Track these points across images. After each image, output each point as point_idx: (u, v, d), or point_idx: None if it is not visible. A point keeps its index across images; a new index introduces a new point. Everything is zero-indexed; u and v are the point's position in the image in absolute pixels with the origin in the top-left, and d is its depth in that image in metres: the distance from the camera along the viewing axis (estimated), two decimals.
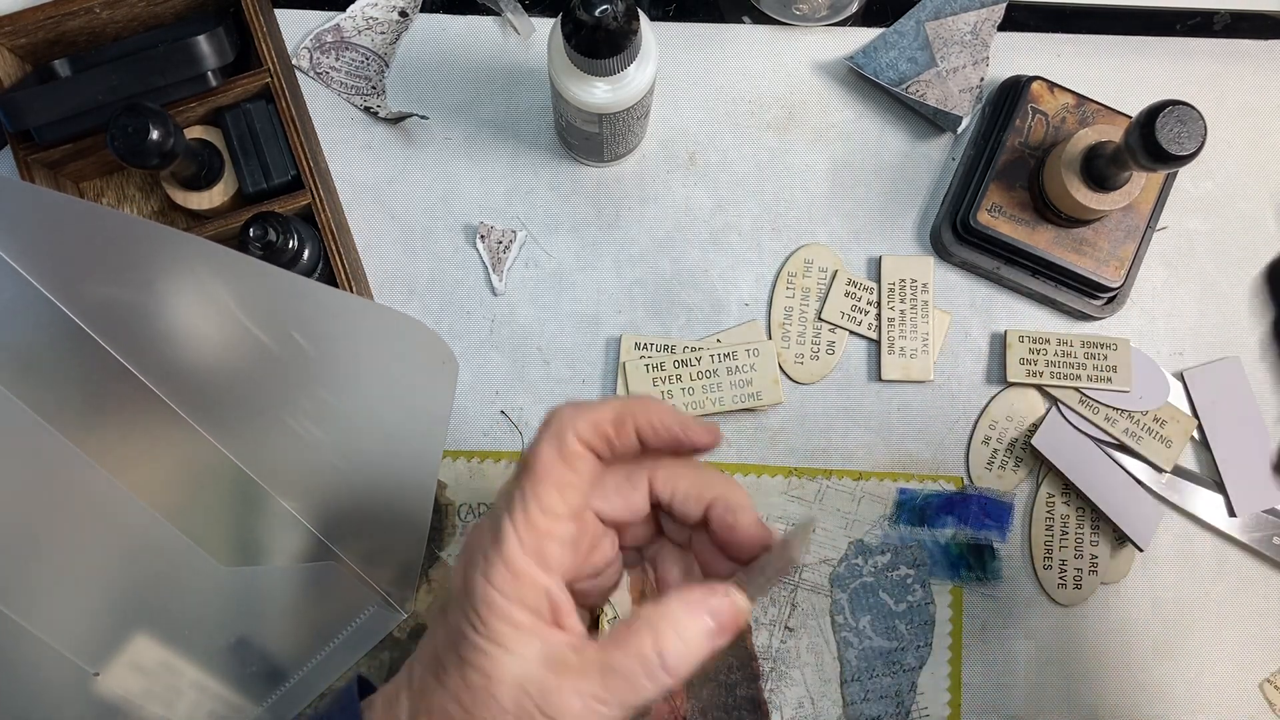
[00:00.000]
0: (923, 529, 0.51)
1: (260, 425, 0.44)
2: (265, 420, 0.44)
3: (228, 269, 0.40)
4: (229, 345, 0.42)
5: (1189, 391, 0.52)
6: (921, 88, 0.53)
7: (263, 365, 0.42)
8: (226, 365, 0.42)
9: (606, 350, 0.52)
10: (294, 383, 0.43)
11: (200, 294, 0.41)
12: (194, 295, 0.41)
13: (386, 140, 0.54)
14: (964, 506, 0.51)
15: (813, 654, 0.50)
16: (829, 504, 0.51)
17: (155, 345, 0.41)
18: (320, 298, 0.42)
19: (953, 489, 0.51)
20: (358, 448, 0.46)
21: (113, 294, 0.39)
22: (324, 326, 0.42)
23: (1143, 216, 0.51)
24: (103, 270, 0.39)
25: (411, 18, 0.54)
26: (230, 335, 0.41)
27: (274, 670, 0.48)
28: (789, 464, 0.52)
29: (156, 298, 0.40)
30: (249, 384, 0.43)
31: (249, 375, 0.43)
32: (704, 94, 0.54)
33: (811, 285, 0.53)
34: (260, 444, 0.44)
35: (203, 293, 0.40)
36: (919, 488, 0.51)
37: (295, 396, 0.43)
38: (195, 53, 0.48)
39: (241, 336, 0.41)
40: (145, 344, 0.41)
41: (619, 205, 0.53)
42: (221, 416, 0.43)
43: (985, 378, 0.52)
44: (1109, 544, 0.51)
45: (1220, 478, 0.51)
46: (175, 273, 0.40)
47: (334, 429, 0.45)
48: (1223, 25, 0.55)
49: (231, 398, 0.43)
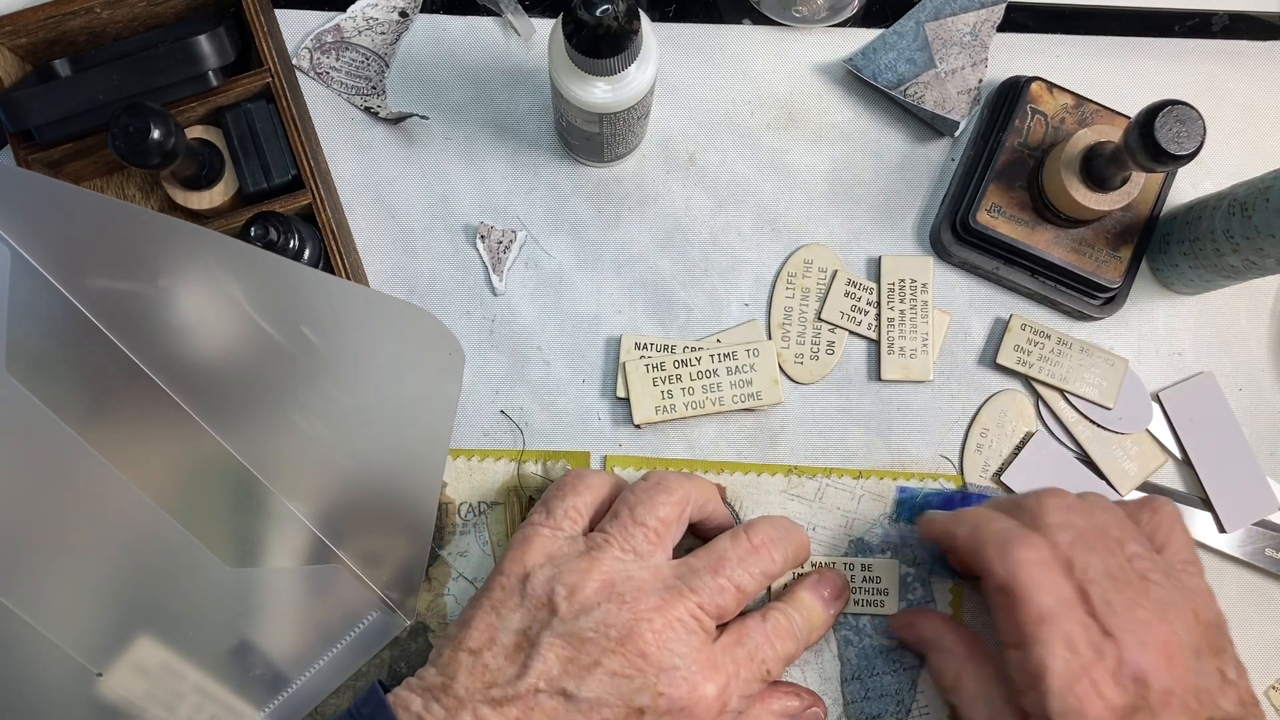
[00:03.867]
0: None
1: (268, 423, 0.44)
2: (273, 418, 0.44)
3: (236, 261, 0.40)
4: (237, 340, 0.42)
5: (1165, 412, 0.52)
6: (920, 89, 0.53)
7: (271, 361, 0.42)
8: (234, 361, 0.42)
9: (606, 350, 0.52)
10: (302, 378, 0.43)
11: (209, 287, 0.40)
12: (203, 288, 0.41)
13: (386, 140, 0.54)
14: (964, 505, 0.51)
15: (813, 652, 0.50)
16: (829, 502, 0.51)
17: (162, 339, 0.41)
18: (328, 289, 0.42)
19: (953, 488, 0.51)
20: (364, 446, 0.45)
21: (122, 287, 0.39)
22: (332, 319, 0.42)
23: (1142, 217, 0.51)
24: (112, 262, 0.39)
25: (412, 18, 0.54)
26: (238, 329, 0.41)
27: (276, 675, 0.48)
28: (789, 463, 0.52)
29: (166, 291, 0.40)
30: (257, 380, 0.43)
31: (257, 371, 0.43)
32: (704, 94, 0.54)
33: (811, 285, 0.53)
34: (267, 443, 0.44)
35: (212, 286, 0.40)
36: (919, 487, 0.52)
37: (303, 393, 0.43)
38: (196, 52, 0.48)
39: (250, 331, 0.41)
40: (152, 338, 0.41)
41: (619, 205, 0.54)
42: (229, 414, 0.43)
43: (985, 377, 0.53)
44: None
45: (1206, 495, 0.51)
46: (185, 265, 0.40)
47: (342, 427, 0.44)
48: (1221, 26, 0.55)
49: (240, 394, 0.43)
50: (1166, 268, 0.52)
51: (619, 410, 0.52)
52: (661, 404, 0.51)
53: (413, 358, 0.44)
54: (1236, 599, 0.51)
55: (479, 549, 0.51)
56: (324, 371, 0.43)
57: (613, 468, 0.51)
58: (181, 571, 0.45)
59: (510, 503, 0.51)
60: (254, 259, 0.41)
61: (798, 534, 0.46)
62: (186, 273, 0.40)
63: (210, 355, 0.42)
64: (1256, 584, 0.52)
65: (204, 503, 0.44)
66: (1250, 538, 0.51)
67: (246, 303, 0.41)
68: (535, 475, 0.51)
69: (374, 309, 0.44)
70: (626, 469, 0.51)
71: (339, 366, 0.43)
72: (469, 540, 0.51)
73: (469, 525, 0.51)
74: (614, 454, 0.52)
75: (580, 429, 0.52)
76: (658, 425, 0.52)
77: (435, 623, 0.50)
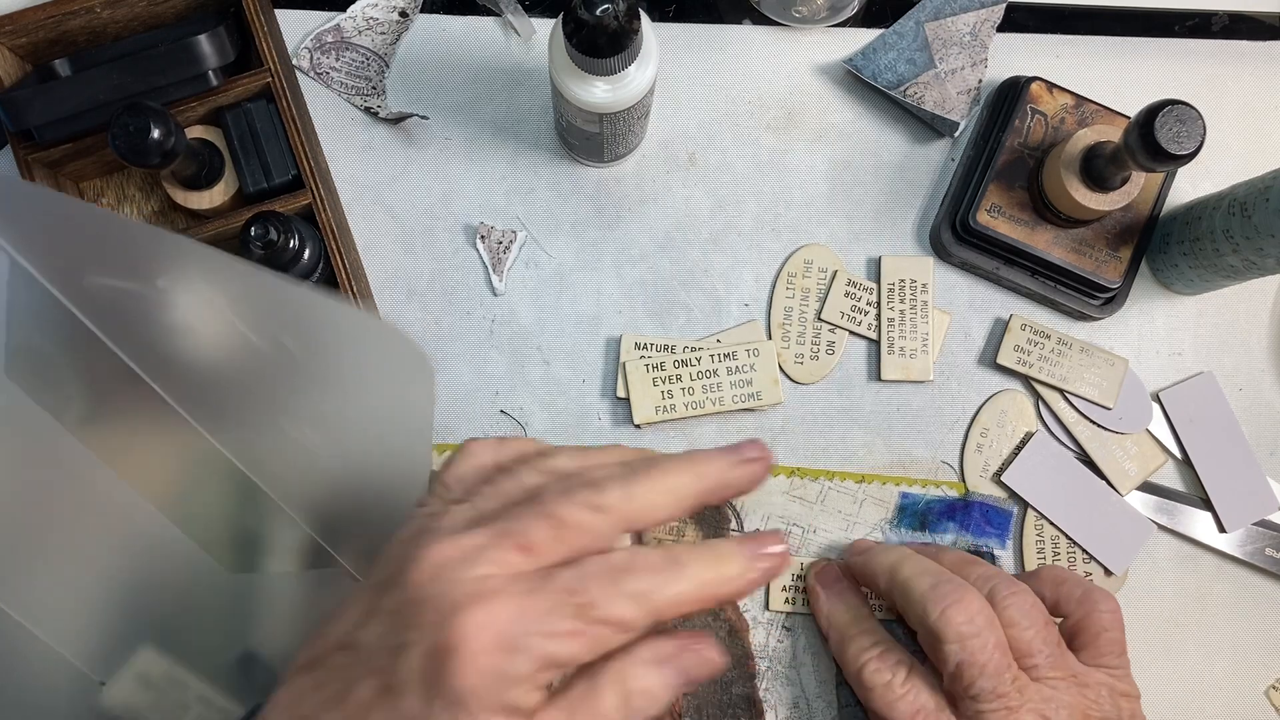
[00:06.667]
0: (924, 533, 0.51)
1: (260, 429, 0.44)
2: (263, 424, 0.44)
3: (219, 271, 0.40)
4: (227, 348, 0.42)
5: (1165, 412, 0.52)
6: (920, 89, 0.53)
7: (257, 368, 0.42)
8: (226, 368, 0.42)
9: (606, 350, 0.52)
10: (287, 385, 0.43)
11: (200, 297, 0.40)
12: (194, 297, 0.40)
13: (386, 140, 0.54)
14: (965, 513, 0.51)
15: (809, 654, 0.50)
16: (831, 505, 0.51)
17: (160, 347, 0.41)
18: (300, 298, 0.41)
19: (955, 495, 0.51)
20: (350, 449, 0.45)
21: (118, 292, 0.39)
22: (310, 328, 0.42)
23: (1142, 217, 0.51)
24: (109, 269, 0.39)
25: (412, 18, 0.54)
26: (227, 338, 0.41)
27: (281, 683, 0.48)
28: (790, 464, 0.52)
29: (161, 296, 0.40)
30: (247, 387, 0.43)
31: (246, 379, 0.43)
32: (704, 94, 0.54)
33: (811, 285, 0.53)
34: (261, 448, 0.44)
35: (202, 296, 0.40)
36: (921, 492, 0.51)
37: (289, 399, 0.43)
38: (196, 52, 0.48)
39: (237, 339, 0.41)
40: (149, 342, 0.41)
41: (619, 205, 0.54)
42: (224, 420, 0.43)
43: (985, 377, 0.53)
44: (1101, 565, 0.51)
45: (1206, 495, 0.51)
46: (177, 273, 0.40)
47: (327, 431, 0.44)
48: (1221, 26, 0.55)
49: (233, 401, 0.43)
50: (1166, 268, 0.52)
51: (619, 410, 0.52)
52: (661, 404, 0.51)
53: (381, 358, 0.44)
54: (1236, 599, 0.51)
55: None
56: (307, 378, 0.43)
57: None
58: (185, 580, 0.44)
59: None
60: (232, 268, 0.40)
61: (666, 474, 0.33)
62: (179, 280, 0.40)
63: (203, 362, 0.42)
64: (1256, 584, 0.52)
65: (205, 509, 0.44)
66: (1250, 538, 0.51)
67: (233, 312, 0.40)
68: None
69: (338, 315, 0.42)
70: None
71: (320, 374, 0.43)
72: None
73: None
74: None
75: (580, 429, 0.52)
76: (658, 425, 0.52)
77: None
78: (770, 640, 0.50)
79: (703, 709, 0.50)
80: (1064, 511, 0.51)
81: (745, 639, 0.50)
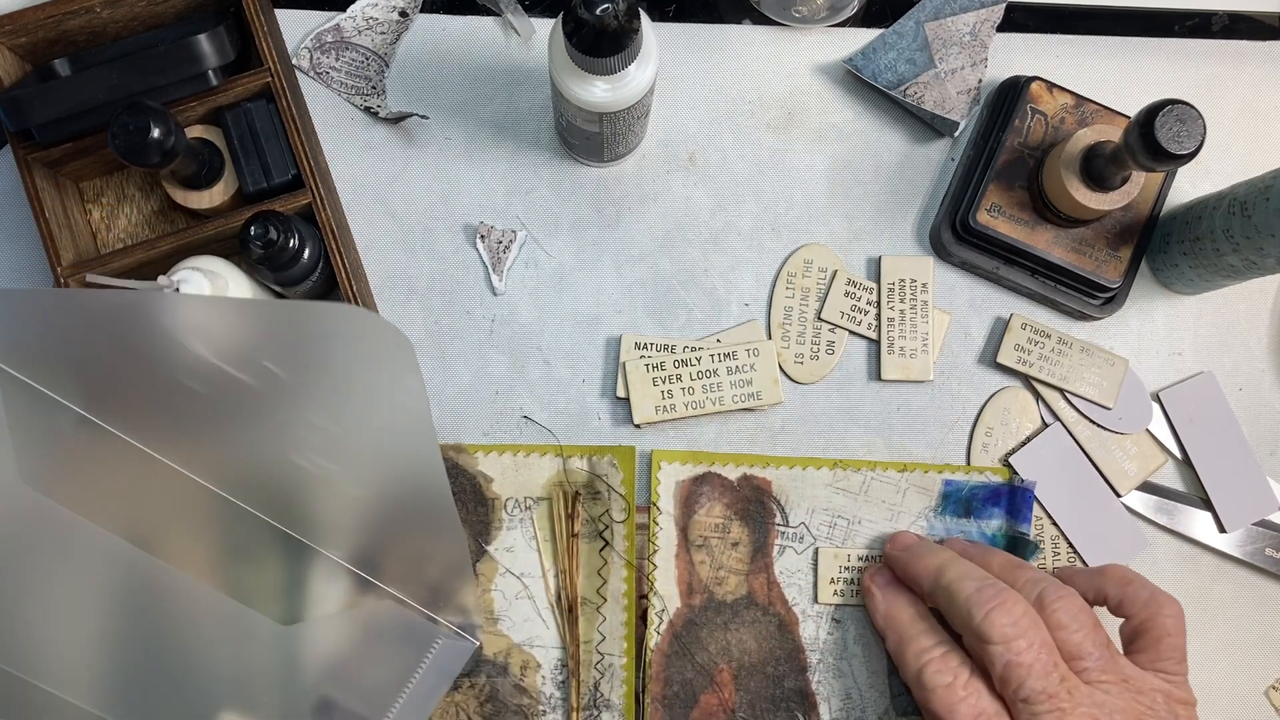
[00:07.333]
0: (968, 520, 0.51)
1: (274, 472, 0.44)
2: (279, 465, 0.43)
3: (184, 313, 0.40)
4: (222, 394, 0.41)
5: (1165, 412, 0.52)
6: (920, 89, 0.53)
7: (253, 406, 0.41)
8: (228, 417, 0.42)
9: (606, 350, 0.52)
10: (286, 416, 0.42)
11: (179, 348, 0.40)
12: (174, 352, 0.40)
13: (386, 140, 0.54)
14: (1010, 498, 0.51)
15: (860, 645, 0.50)
16: (874, 496, 0.51)
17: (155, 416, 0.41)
18: (274, 315, 0.41)
19: (999, 480, 0.51)
20: (366, 468, 0.45)
21: (110, 377, 0.40)
22: (291, 343, 0.41)
23: (1142, 216, 0.51)
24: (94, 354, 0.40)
25: (411, 18, 0.54)
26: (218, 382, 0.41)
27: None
28: (832, 456, 0.52)
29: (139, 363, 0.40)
30: (249, 433, 0.43)
31: (248, 423, 0.42)
32: (704, 94, 0.54)
33: (811, 285, 0.53)
34: (281, 493, 0.44)
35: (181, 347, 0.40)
36: (964, 480, 0.51)
37: (293, 431, 0.43)
38: (196, 52, 0.48)
39: (227, 381, 0.40)
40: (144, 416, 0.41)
41: (619, 205, 0.54)
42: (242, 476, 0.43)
43: (985, 377, 0.53)
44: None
45: (1206, 495, 0.51)
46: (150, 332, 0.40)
47: (339, 455, 0.44)
48: (1221, 26, 0.55)
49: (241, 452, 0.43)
50: (1166, 267, 0.52)
51: (619, 410, 0.52)
52: (661, 404, 0.51)
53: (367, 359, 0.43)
54: (1236, 599, 0.51)
55: (525, 544, 0.51)
56: (300, 403, 0.42)
57: (660, 463, 0.51)
58: (246, 645, 0.45)
59: (556, 497, 0.51)
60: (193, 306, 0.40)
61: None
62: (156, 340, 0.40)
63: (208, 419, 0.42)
64: (1256, 584, 0.52)
65: (247, 571, 0.44)
66: (1250, 538, 0.51)
67: (215, 354, 0.40)
68: (581, 470, 0.51)
69: (318, 320, 0.41)
70: (673, 463, 0.51)
71: (313, 392, 0.42)
72: (515, 535, 0.51)
73: (515, 520, 0.51)
74: (661, 449, 0.51)
75: (580, 429, 0.52)
76: (658, 425, 0.52)
77: (482, 618, 0.50)
78: (820, 633, 0.50)
79: (755, 704, 0.50)
80: (1064, 506, 0.51)
81: (795, 632, 0.50)
